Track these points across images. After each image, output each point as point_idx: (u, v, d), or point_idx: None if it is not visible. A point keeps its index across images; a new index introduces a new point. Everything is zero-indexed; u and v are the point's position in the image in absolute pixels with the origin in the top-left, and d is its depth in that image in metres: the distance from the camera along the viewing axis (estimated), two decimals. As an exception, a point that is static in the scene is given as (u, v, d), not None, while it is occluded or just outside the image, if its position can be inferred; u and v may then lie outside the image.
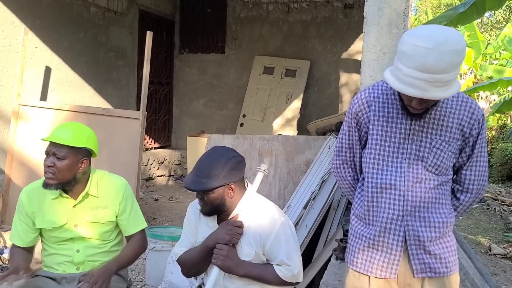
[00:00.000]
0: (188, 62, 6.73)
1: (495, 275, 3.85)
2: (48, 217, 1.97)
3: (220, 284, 1.79)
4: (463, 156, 1.55)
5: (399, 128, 1.50)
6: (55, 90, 4.54)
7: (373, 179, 1.53)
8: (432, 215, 1.50)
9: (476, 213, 6.26)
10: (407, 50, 1.30)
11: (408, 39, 1.32)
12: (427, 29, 1.33)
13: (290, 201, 2.99)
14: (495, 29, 14.91)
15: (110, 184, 2.05)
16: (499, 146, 9.58)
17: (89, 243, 2.01)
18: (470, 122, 1.50)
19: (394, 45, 1.71)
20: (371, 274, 1.53)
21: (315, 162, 3.04)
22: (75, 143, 1.92)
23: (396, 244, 1.49)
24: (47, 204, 1.98)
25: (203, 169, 1.67)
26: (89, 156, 2.00)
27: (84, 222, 1.98)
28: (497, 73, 8.07)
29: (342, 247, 2.45)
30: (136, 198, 3.48)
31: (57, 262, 2.02)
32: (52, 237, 2.00)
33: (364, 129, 1.56)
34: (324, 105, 6.19)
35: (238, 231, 1.68)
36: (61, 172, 1.88)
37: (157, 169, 6.21)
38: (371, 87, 1.59)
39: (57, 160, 1.88)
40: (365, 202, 1.56)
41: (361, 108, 1.56)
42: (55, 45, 4.48)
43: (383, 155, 1.52)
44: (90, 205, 2.00)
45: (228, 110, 6.60)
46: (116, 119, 3.71)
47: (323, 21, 6.14)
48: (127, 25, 5.67)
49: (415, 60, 1.28)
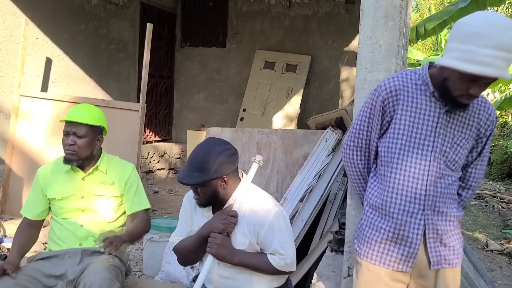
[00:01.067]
0: (189, 56, 6.73)
1: (491, 270, 3.87)
2: (59, 188, 2.13)
3: (214, 272, 1.82)
4: (473, 154, 1.58)
5: (427, 120, 1.48)
6: (56, 81, 4.56)
7: (397, 169, 1.51)
8: (449, 210, 1.53)
9: (475, 210, 6.28)
10: (482, 31, 1.29)
11: (478, 21, 1.32)
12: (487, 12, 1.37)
13: (287, 193, 3.01)
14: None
15: (119, 164, 2.23)
16: (500, 144, 9.58)
17: (93, 218, 2.13)
18: (487, 123, 1.53)
19: (390, 37, 1.72)
20: (389, 267, 1.53)
21: (311, 156, 3.05)
22: (93, 121, 2.10)
23: (416, 237, 1.50)
24: (59, 177, 2.15)
25: (195, 163, 1.70)
26: (102, 134, 2.18)
27: (90, 195, 2.13)
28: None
29: (337, 239, 2.47)
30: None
31: (62, 237, 2.12)
32: (60, 209, 2.14)
33: (388, 118, 1.54)
34: (324, 100, 6.19)
35: (232, 220, 1.71)
36: (81, 149, 2.06)
37: (157, 162, 6.24)
38: (399, 75, 1.55)
39: (78, 138, 2.06)
40: (384, 192, 1.54)
41: (388, 96, 1.52)
42: (56, 36, 4.49)
43: (409, 146, 1.50)
44: (98, 179, 2.15)
45: (228, 105, 6.62)
46: (116, 110, 3.72)
47: (325, 16, 6.13)
48: (129, 18, 5.67)
49: (494, 38, 1.28)
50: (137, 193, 2.20)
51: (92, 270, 1.90)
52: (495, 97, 10.50)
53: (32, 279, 1.95)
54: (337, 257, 2.37)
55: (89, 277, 1.86)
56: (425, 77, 1.50)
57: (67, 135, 2.08)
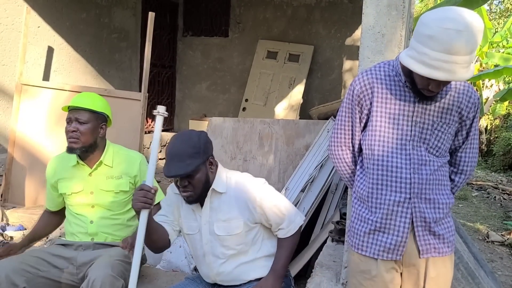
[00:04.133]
0: (191, 45, 6.70)
1: (492, 261, 3.88)
2: (68, 183, 2.12)
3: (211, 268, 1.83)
4: (459, 138, 1.59)
5: (402, 110, 1.50)
6: (58, 70, 4.55)
7: (378, 161, 1.53)
8: (436, 196, 1.53)
9: (476, 201, 6.28)
10: (435, 34, 1.28)
11: (433, 22, 1.30)
12: (448, 11, 1.32)
13: (288, 183, 3.02)
14: (504, 17, 14.69)
15: (126, 156, 2.16)
16: (502, 136, 9.54)
17: (103, 214, 2.11)
18: (468, 106, 1.53)
19: (393, 27, 1.71)
20: (378, 256, 1.54)
21: (313, 146, 3.05)
22: (96, 107, 2.06)
23: (404, 226, 1.51)
24: (67, 171, 2.13)
25: (182, 153, 1.68)
26: (106, 123, 2.14)
27: (98, 190, 2.10)
28: (504, 60, 7.98)
29: (338, 229, 2.48)
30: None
31: (74, 232, 2.13)
32: (72, 203, 2.14)
33: (365, 111, 1.56)
34: (327, 90, 6.17)
35: (146, 195, 1.63)
36: (84, 136, 2.02)
37: (160, 152, 6.24)
38: (372, 68, 1.57)
39: (80, 125, 2.02)
40: (369, 184, 1.56)
41: (363, 90, 1.55)
42: (57, 25, 4.47)
43: (387, 137, 1.52)
44: (105, 174, 2.11)
45: (230, 94, 6.59)
46: (118, 100, 3.72)
47: (328, 5, 6.07)
48: (131, 7, 5.64)
49: (445, 43, 1.27)
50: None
51: (97, 265, 1.89)
52: (499, 89, 10.43)
53: (39, 260, 1.97)
54: (338, 247, 2.39)
55: (93, 273, 1.84)
56: (397, 67, 1.52)
57: (69, 122, 2.05)
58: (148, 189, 1.63)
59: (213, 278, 1.85)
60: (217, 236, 1.78)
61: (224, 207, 1.78)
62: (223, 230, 1.77)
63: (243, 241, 1.79)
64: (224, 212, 1.77)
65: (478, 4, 3.77)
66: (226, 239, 1.78)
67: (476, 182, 7.49)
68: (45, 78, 4.37)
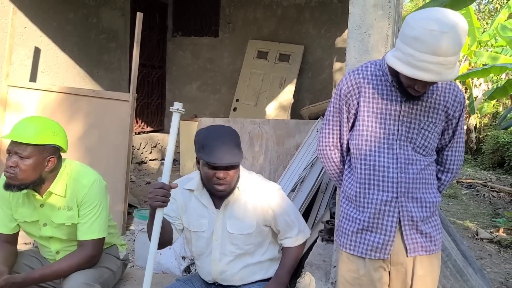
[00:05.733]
0: (181, 45, 6.67)
1: (481, 258, 3.91)
2: (21, 210, 1.89)
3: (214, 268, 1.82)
4: (445, 137, 1.60)
5: (389, 109, 1.51)
6: (45, 71, 4.50)
7: (366, 161, 1.54)
8: (423, 195, 1.53)
9: (466, 199, 6.33)
10: (420, 35, 1.29)
11: (418, 23, 1.30)
12: (433, 12, 1.33)
13: (278, 183, 3.01)
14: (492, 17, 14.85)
15: (77, 183, 1.88)
16: (491, 134, 9.64)
17: (65, 245, 1.93)
18: (454, 105, 1.54)
19: (379, 27, 1.71)
20: (366, 256, 1.55)
21: (303, 145, 3.05)
22: (39, 140, 1.75)
23: (391, 225, 1.51)
24: (21, 197, 1.89)
25: (230, 142, 1.70)
26: (57, 153, 1.85)
27: (51, 222, 1.88)
28: (492, 59, 8.06)
29: (328, 228, 2.48)
30: (126, 182, 3.52)
31: (44, 256, 2.02)
32: (29, 232, 1.94)
33: (353, 111, 1.56)
34: (317, 90, 6.18)
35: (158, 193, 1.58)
36: (24, 173, 1.74)
37: (150, 153, 6.21)
38: (359, 68, 1.58)
39: (20, 160, 1.73)
40: (357, 184, 1.56)
41: (350, 90, 1.55)
42: (44, 25, 4.42)
43: (374, 137, 1.52)
44: (57, 204, 1.87)
45: (221, 95, 6.58)
46: (106, 101, 3.69)
47: (317, 5, 6.08)
48: (119, 7, 5.59)
49: (430, 44, 1.28)
50: (89, 216, 1.86)
51: (70, 276, 1.80)
52: (488, 88, 10.54)
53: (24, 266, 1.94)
54: (328, 247, 2.39)
55: (67, 285, 1.79)
56: (384, 67, 1.52)
57: (9, 154, 1.77)
58: (168, 188, 1.59)
59: (215, 276, 1.84)
60: (229, 233, 1.78)
61: (240, 205, 1.79)
62: (236, 228, 1.78)
63: (252, 242, 1.80)
64: (239, 210, 1.78)
65: (466, 4, 3.80)
66: (237, 238, 1.79)
67: (466, 180, 7.55)
68: (32, 79, 4.32)
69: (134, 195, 4.49)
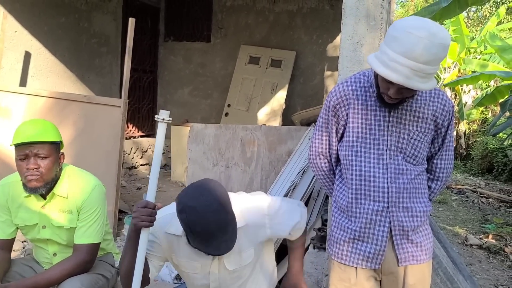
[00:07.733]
0: (173, 50, 6.66)
1: (471, 265, 3.95)
2: (21, 215, 1.89)
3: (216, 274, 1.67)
4: (435, 146, 1.61)
5: (378, 120, 1.52)
6: (35, 76, 4.46)
7: (356, 171, 1.54)
8: (414, 205, 1.54)
9: (455, 205, 6.39)
10: (398, 36, 1.31)
11: (401, 25, 1.33)
12: (421, 20, 1.35)
13: (270, 190, 3.01)
14: (482, 24, 15.08)
15: (78, 186, 1.89)
16: (480, 140, 9.76)
17: (62, 248, 1.92)
18: (443, 114, 1.55)
19: (371, 37, 1.73)
20: (358, 265, 1.55)
21: (295, 152, 3.06)
22: (55, 137, 1.81)
23: (382, 235, 1.52)
24: (20, 201, 1.89)
25: (220, 224, 1.41)
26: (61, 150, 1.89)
27: (50, 225, 1.88)
28: (481, 67, 8.18)
29: (320, 236, 2.48)
30: (116, 187, 3.50)
31: (40, 260, 2.00)
32: (28, 236, 1.93)
33: (342, 122, 1.58)
34: (309, 96, 6.21)
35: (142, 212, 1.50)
36: (48, 171, 1.77)
37: (141, 157, 6.17)
38: (348, 80, 1.59)
39: (41, 160, 1.76)
40: (349, 194, 1.57)
41: (339, 101, 1.56)
42: (35, 29, 4.38)
43: (364, 147, 1.53)
44: (58, 206, 1.87)
45: (213, 100, 6.57)
46: (97, 106, 3.66)
47: (309, 11, 6.12)
48: (111, 11, 5.57)
49: (404, 46, 1.29)
50: (87, 220, 1.87)
51: (67, 281, 1.78)
52: (477, 94, 10.68)
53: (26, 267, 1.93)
54: (320, 254, 2.39)
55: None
56: (371, 78, 1.54)
57: (26, 158, 1.75)
58: (152, 207, 1.51)
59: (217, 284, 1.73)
60: (229, 271, 1.64)
61: None
62: (234, 263, 1.63)
63: (253, 266, 1.69)
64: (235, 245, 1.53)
65: (456, 12, 3.85)
66: (237, 271, 1.65)
67: (456, 186, 7.63)
68: (22, 84, 4.27)
69: (124, 200, 4.46)
